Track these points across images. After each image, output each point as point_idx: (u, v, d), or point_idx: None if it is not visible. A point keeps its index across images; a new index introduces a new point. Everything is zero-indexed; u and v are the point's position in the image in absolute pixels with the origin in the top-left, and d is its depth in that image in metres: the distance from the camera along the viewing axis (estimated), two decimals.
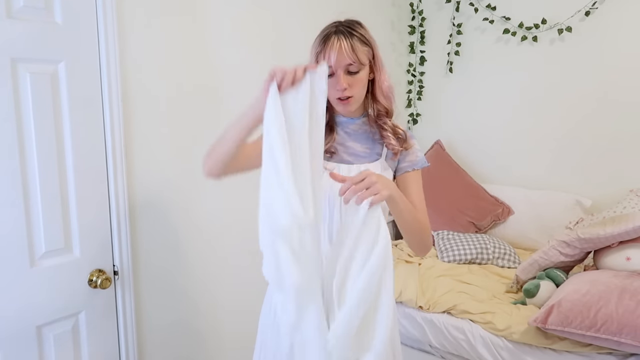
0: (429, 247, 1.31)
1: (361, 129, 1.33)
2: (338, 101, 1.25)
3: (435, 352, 2.20)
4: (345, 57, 1.18)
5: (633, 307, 1.70)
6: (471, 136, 3.18)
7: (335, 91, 1.22)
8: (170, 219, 1.84)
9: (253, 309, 1.69)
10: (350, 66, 1.20)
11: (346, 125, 1.33)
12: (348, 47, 1.18)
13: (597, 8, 2.64)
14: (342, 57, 1.18)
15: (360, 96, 1.26)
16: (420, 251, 1.31)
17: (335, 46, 1.18)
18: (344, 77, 1.21)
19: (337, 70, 1.20)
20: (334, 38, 1.20)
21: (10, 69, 1.32)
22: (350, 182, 1.07)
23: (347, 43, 1.19)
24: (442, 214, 2.87)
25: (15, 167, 1.36)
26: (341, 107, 1.26)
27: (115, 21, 1.54)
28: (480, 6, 3.00)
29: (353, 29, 1.22)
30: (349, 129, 1.33)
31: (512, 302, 2.16)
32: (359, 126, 1.33)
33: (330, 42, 1.19)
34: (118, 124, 1.59)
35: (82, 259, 1.54)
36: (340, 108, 1.27)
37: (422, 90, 3.33)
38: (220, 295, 2.07)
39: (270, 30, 2.16)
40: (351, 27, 1.22)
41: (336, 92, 1.22)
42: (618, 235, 1.95)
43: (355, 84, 1.23)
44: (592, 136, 2.73)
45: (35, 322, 1.45)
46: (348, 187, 1.06)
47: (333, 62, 1.18)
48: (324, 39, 1.21)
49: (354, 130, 1.33)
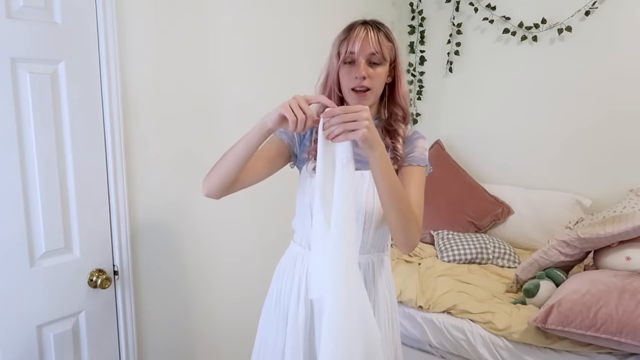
0: (415, 241, 1.18)
1: None
2: (354, 93, 1.20)
3: (435, 352, 2.20)
4: (370, 45, 1.17)
5: (633, 307, 1.70)
6: (471, 136, 3.18)
7: (352, 80, 1.19)
8: (170, 219, 1.84)
9: (252, 308, 1.69)
10: (373, 56, 1.18)
11: None
12: (374, 37, 1.18)
13: (597, 8, 2.64)
14: (367, 45, 1.17)
15: (377, 92, 1.23)
16: (405, 243, 1.17)
17: (361, 35, 1.18)
18: (365, 66, 1.18)
19: (359, 57, 1.18)
20: (360, 27, 1.19)
21: (10, 69, 1.32)
22: (345, 110, 1.01)
23: (374, 34, 1.18)
24: (442, 213, 2.87)
25: (15, 167, 1.36)
26: (356, 100, 1.21)
27: (115, 21, 1.54)
28: (480, 6, 3.00)
29: (380, 24, 1.23)
30: None
31: (512, 302, 2.16)
32: None
33: (356, 31, 1.19)
34: (118, 124, 1.59)
35: (82, 259, 1.54)
36: (355, 101, 1.21)
37: (422, 90, 3.33)
38: (220, 295, 2.07)
39: (271, 32, 2.16)
40: (378, 23, 1.23)
41: (354, 81, 1.19)
42: (618, 235, 1.95)
43: (375, 77, 1.20)
44: (592, 136, 2.73)
45: (35, 322, 1.45)
46: (339, 113, 1.01)
47: (357, 49, 1.17)
48: (349, 27, 1.21)
49: None
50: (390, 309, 1.34)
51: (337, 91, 1.24)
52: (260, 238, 2.19)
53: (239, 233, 2.10)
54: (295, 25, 2.28)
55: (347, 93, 1.22)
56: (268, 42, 2.15)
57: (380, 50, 1.18)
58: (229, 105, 2.01)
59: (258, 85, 2.11)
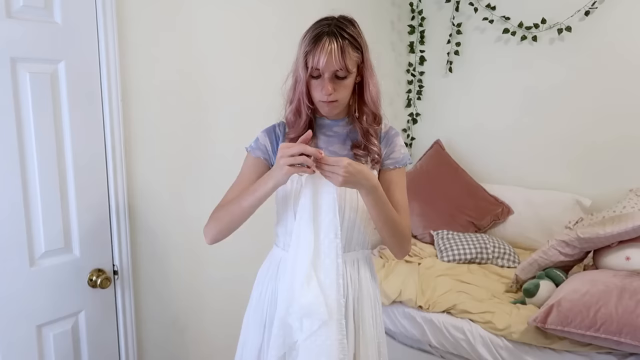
0: (408, 250, 1.33)
1: (344, 130, 1.33)
2: (322, 104, 1.25)
3: (435, 351, 2.20)
4: (334, 63, 1.17)
5: (632, 307, 1.70)
6: (471, 136, 3.18)
7: (320, 94, 1.23)
8: (170, 219, 1.85)
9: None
10: (338, 71, 1.19)
11: (329, 128, 1.33)
12: (337, 53, 1.17)
13: (596, 8, 2.64)
14: (331, 63, 1.17)
15: (344, 100, 1.27)
16: (398, 253, 1.33)
17: (325, 49, 1.17)
18: (330, 81, 1.20)
19: (324, 73, 1.19)
20: (325, 40, 1.18)
21: (10, 68, 1.32)
22: (326, 161, 1.12)
23: (338, 48, 1.17)
24: (441, 213, 2.87)
25: (15, 167, 1.36)
26: (326, 109, 1.27)
27: (114, 21, 1.54)
28: (480, 6, 3.00)
29: (345, 30, 1.20)
30: (332, 131, 1.33)
31: (512, 302, 2.16)
32: (342, 128, 1.33)
33: (321, 44, 1.18)
34: (118, 123, 1.59)
35: (81, 259, 1.54)
36: (325, 110, 1.27)
37: (421, 90, 3.33)
38: (220, 295, 2.07)
39: (271, 30, 2.16)
40: (344, 28, 1.20)
41: (321, 95, 1.23)
42: (618, 235, 1.95)
43: (341, 89, 1.23)
44: (591, 136, 2.73)
45: (35, 321, 1.45)
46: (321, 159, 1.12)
47: (322, 65, 1.18)
48: (314, 38, 1.19)
49: (336, 133, 1.33)
50: (373, 304, 1.36)
51: (307, 102, 1.26)
52: (260, 239, 2.19)
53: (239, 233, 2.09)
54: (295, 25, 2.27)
55: (317, 103, 1.27)
56: (269, 39, 2.15)
57: (344, 65, 1.18)
58: (229, 104, 2.01)
59: (258, 84, 2.11)
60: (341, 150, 1.32)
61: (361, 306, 1.31)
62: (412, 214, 2.84)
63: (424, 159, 3.10)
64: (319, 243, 1.19)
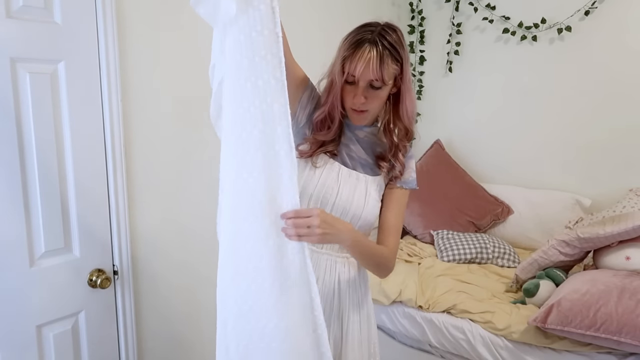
0: (390, 271, 1.30)
1: (367, 137, 1.31)
2: (352, 111, 1.23)
3: (435, 351, 2.20)
4: (370, 73, 1.14)
5: (632, 307, 1.71)
6: (471, 135, 3.18)
7: (352, 101, 1.20)
8: (170, 219, 1.84)
9: None
10: (373, 82, 1.17)
11: (353, 131, 1.31)
12: (376, 63, 1.13)
13: (596, 8, 2.64)
14: (367, 72, 1.15)
15: (375, 111, 1.25)
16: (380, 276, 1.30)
17: (364, 57, 1.14)
18: (364, 91, 1.18)
19: (360, 81, 1.17)
20: (365, 47, 1.15)
21: (10, 68, 1.32)
22: (297, 214, 1.01)
23: (377, 57, 1.14)
24: (441, 213, 2.87)
25: (14, 167, 1.36)
26: (354, 118, 1.25)
27: (114, 21, 1.54)
28: (480, 6, 3.00)
29: (387, 39, 1.16)
30: (356, 135, 1.31)
31: (512, 302, 2.16)
32: (366, 134, 1.31)
33: (361, 51, 1.15)
34: (118, 124, 1.59)
35: (81, 259, 1.54)
36: (354, 118, 1.25)
37: (421, 90, 3.33)
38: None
39: None
40: (386, 37, 1.16)
41: (353, 103, 1.20)
42: (618, 235, 1.96)
43: (374, 100, 1.20)
44: (591, 136, 2.74)
45: (35, 322, 1.45)
46: (291, 217, 1.01)
47: (358, 73, 1.15)
48: (355, 44, 1.16)
49: (360, 137, 1.31)
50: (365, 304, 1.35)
51: (340, 107, 1.24)
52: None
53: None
54: (297, 24, 2.27)
55: (347, 110, 1.25)
56: None
57: (381, 76, 1.15)
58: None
59: None
60: (361, 154, 1.30)
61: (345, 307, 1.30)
62: (412, 214, 2.85)
63: (424, 158, 3.10)
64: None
